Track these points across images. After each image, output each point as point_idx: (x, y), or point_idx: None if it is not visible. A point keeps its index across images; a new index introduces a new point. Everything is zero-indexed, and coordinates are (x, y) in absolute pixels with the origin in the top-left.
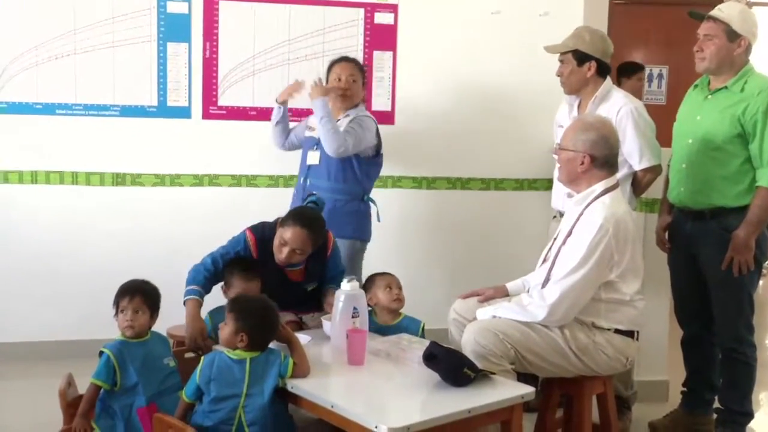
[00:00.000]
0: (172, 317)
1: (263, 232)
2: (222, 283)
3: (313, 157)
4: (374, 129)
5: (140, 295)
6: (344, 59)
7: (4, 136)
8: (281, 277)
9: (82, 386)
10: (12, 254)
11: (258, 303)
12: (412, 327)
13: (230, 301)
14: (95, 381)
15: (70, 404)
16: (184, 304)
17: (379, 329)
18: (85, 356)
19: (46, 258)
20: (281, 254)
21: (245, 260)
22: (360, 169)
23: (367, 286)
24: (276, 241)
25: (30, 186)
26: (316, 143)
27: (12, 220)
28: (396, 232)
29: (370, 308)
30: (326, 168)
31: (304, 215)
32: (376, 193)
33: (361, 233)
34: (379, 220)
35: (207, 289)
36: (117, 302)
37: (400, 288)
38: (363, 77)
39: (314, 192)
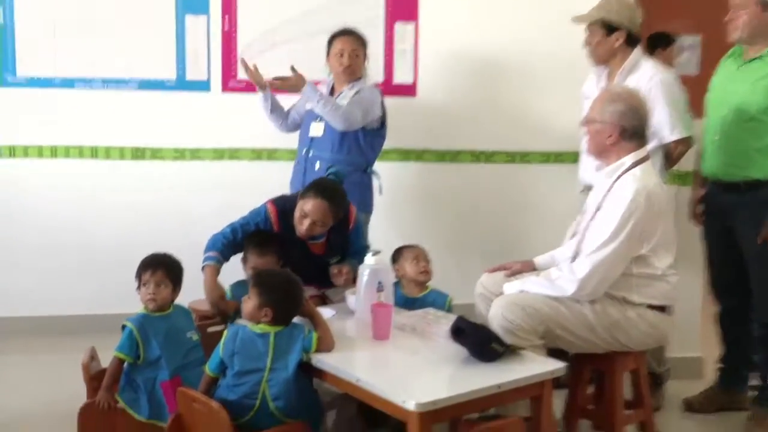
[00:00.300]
0: (193, 291)
1: (284, 205)
2: (242, 256)
3: (317, 129)
4: (379, 101)
5: (162, 269)
6: (345, 32)
7: (22, 111)
8: (303, 251)
9: (105, 360)
10: (32, 229)
11: (282, 277)
12: (438, 301)
13: (254, 276)
14: (118, 354)
15: (93, 378)
16: (203, 270)
17: (406, 302)
18: (107, 330)
19: (67, 232)
20: (302, 226)
21: (262, 234)
22: (364, 140)
23: (395, 257)
24: (297, 213)
25: (49, 161)
26: (318, 115)
27: (31, 194)
28: (421, 206)
29: (396, 281)
30: (330, 140)
31: (325, 187)
32: (400, 167)
33: (364, 205)
34: (380, 193)
35: (225, 256)
36: (139, 275)
37: (427, 260)
38: (365, 50)
39: (333, 169)
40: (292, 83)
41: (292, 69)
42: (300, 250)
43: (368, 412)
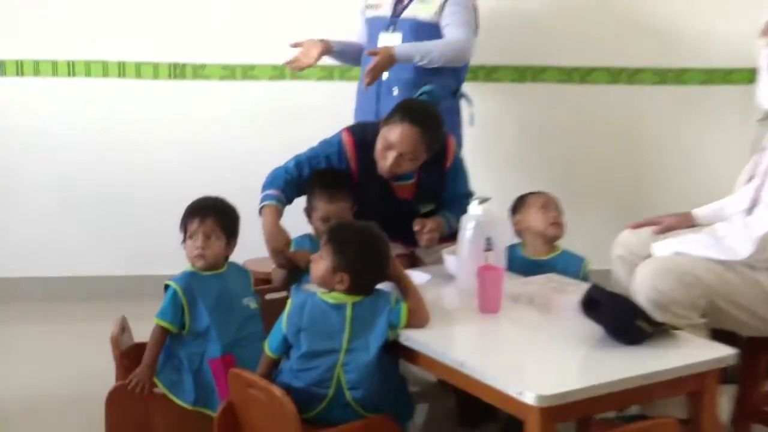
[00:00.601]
0: (247, 247)
1: (364, 134)
2: (306, 203)
3: (390, 41)
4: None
5: (213, 216)
6: None
7: (33, 18)
8: (386, 195)
9: (139, 333)
10: (44, 167)
11: (364, 232)
12: (571, 266)
13: (329, 230)
14: (160, 322)
15: (125, 354)
16: (260, 213)
17: (528, 266)
18: (141, 295)
19: (87, 172)
20: (385, 161)
21: (333, 173)
22: None
23: (516, 207)
24: (379, 145)
25: (64, 80)
26: (390, 23)
27: (42, 124)
28: (525, 141)
29: (514, 244)
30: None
31: (416, 110)
32: (495, 90)
33: (457, 137)
34: (471, 124)
35: (288, 196)
36: (184, 225)
37: (559, 211)
38: None
39: (427, 87)
40: (382, 63)
41: (372, 53)
42: (382, 194)
43: (470, 406)
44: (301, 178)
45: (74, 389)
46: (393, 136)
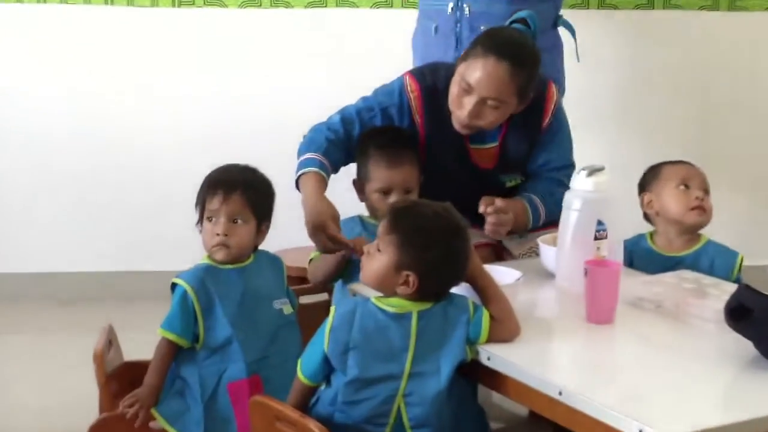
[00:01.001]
0: (277, 235)
1: (435, 78)
2: (357, 173)
3: None
4: None
5: (242, 192)
6: None
7: None
8: (462, 161)
9: (131, 348)
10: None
11: (441, 219)
12: (720, 261)
13: (392, 213)
14: (166, 334)
15: (112, 376)
16: (297, 184)
17: (659, 262)
18: (130, 297)
19: (59, 154)
20: (462, 109)
21: (393, 130)
22: None
23: (645, 182)
24: (454, 88)
25: (30, 7)
26: None
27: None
28: (647, 92)
29: (643, 235)
30: None
31: (504, 40)
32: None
33: (555, 80)
34: (578, 60)
35: (333, 161)
36: (202, 202)
37: (705, 190)
38: None
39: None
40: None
41: None
42: (457, 162)
43: None
44: (350, 139)
45: (45, 423)
46: (473, 75)
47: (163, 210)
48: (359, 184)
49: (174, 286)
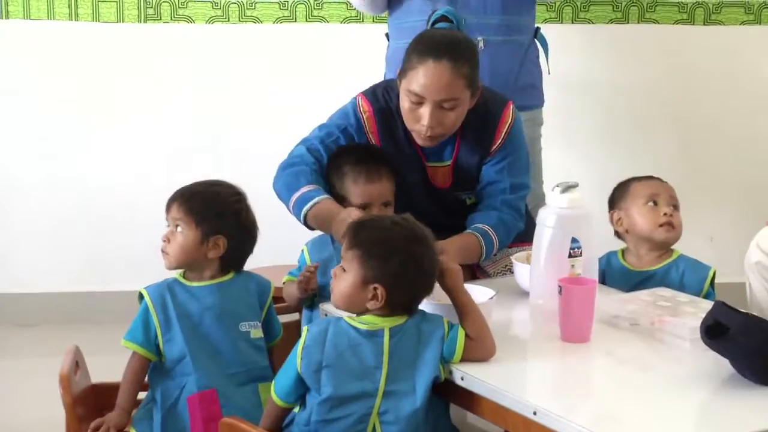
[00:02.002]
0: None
1: (387, 97)
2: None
3: None
4: None
5: (185, 199)
6: None
7: None
8: (421, 180)
9: (99, 370)
10: None
11: (400, 227)
12: (690, 275)
13: (351, 230)
14: (128, 344)
15: (79, 399)
16: (305, 219)
17: (630, 279)
18: (97, 319)
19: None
20: (420, 121)
21: (365, 145)
22: None
23: (614, 199)
24: (405, 104)
25: None
26: None
27: None
28: (622, 104)
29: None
30: None
31: (437, 40)
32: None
33: (532, 97)
34: (548, 72)
35: (326, 189)
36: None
37: (674, 205)
38: None
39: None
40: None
41: None
42: (418, 180)
43: None
44: (323, 168)
45: None
46: (418, 84)
47: (131, 229)
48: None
49: (141, 297)
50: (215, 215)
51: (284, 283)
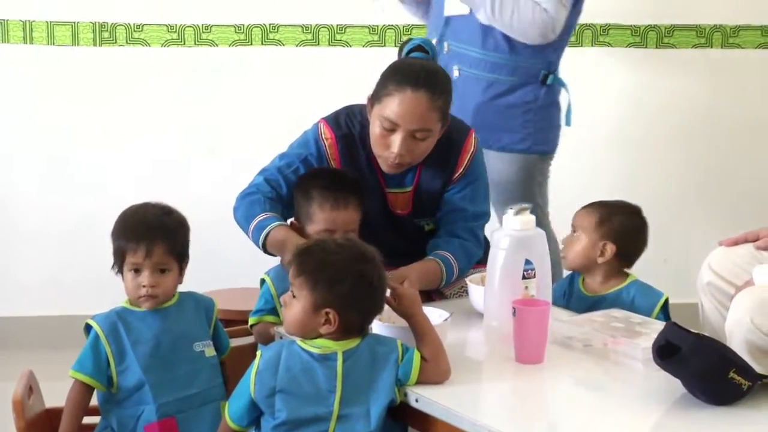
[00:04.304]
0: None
1: (349, 123)
2: (290, 220)
3: (457, 5)
4: None
5: (164, 242)
6: None
7: None
8: (380, 206)
9: (52, 394)
10: None
11: (345, 250)
12: (640, 301)
13: (295, 258)
14: (77, 375)
15: (32, 424)
16: (264, 246)
17: (583, 301)
18: (52, 343)
19: None
20: (390, 148)
21: (333, 171)
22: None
23: (576, 224)
24: (376, 130)
25: None
26: None
27: None
28: (600, 130)
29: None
30: (480, 24)
31: (416, 70)
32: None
33: (542, 141)
34: (568, 124)
35: (284, 216)
36: (120, 253)
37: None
38: None
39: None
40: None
41: None
42: (379, 208)
43: None
44: (281, 197)
45: None
46: (393, 112)
47: (88, 255)
48: (297, 228)
49: (87, 328)
50: (187, 246)
51: (252, 326)
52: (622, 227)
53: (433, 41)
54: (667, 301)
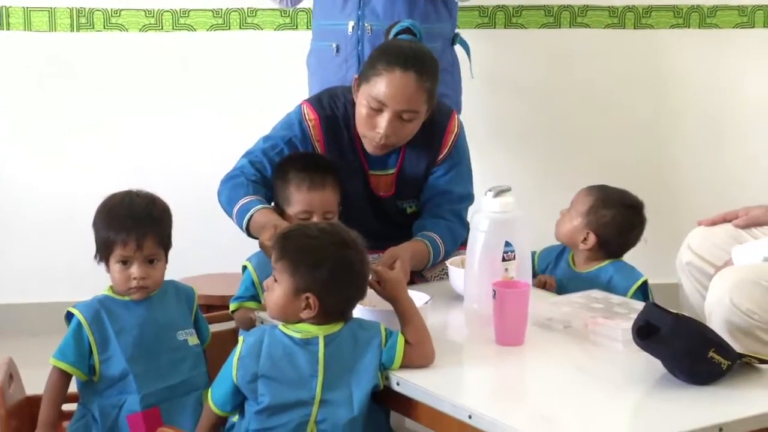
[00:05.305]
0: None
1: (333, 105)
2: (271, 204)
3: None
4: None
5: (153, 233)
6: None
7: None
8: (363, 188)
9: (33, 382)
10: None
11: (327, 235)
12: (617, 280)
13: (277, 242)
14: (58, 363)
15: (12, 412)
16: (247, 228)
17: (568, 275)
18: (32, 330)
19: None
20: (376, 129)
21: (310, 153)
22: None
23: (573, 202)
24: (362, 110)
25: None
26: None
27: None
28: (549, 106)
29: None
30: (391, 2)
31: (404, 50)
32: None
33: (454, 98)
34: (472, 76)
35: (266, 200)
36: (107, 244)
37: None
38: None
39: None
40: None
41: None
42: (361, 189)
43: None
44: (266, 179)
45: None
46: (381, 92)
47: (69, 240)
48: (277, 211)
49: (69, 316)
50: (170, 233)
51: (234, 311)
52: (612, 221)
53: (350, 25)
54: (646, 282)
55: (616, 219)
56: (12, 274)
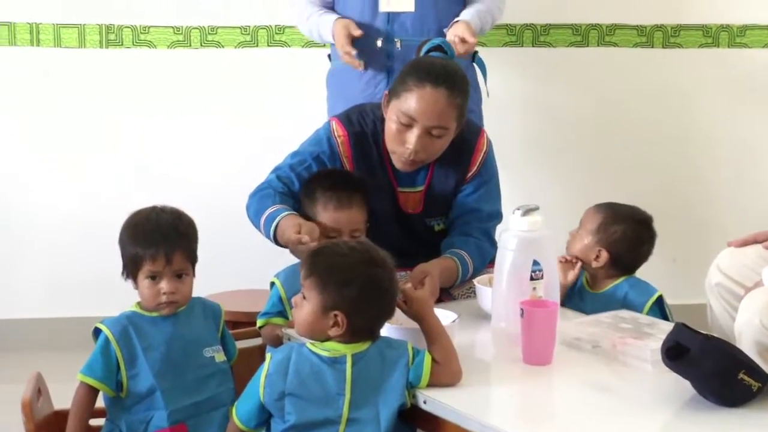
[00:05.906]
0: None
1: (362, 121)
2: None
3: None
4: None
5: (182, 248)
6: None
7: None
8: (391, 205)
9: (60, 396)
10: None
11: (357, 254)
12: (634, 297)
13: (308, 259)
14: (86, 379)
15: (41, 426)
16: (274, 236)
17: (585, 297)
18: (60, 345)
19: None
20: (406, 144)
21: (339, 171)
22: None
23: (582, 221)
24: (392, 126)
25: None
26: None
27: None
28: (574, 124)
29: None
30: (421, 16)
31: (435, 67)
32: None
33: (480, 115)
34: (487, 95)
35: (294, 209)
36: (136, 260)
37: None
38: None
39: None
40: None
41: None
42: (390, 207)
43: None
44: (293, 194)
45: None
46: (412, 107)
47: (93, 256)
48: (305, 217)
49: (96, 332)
50: (197, 248)
51: (261, 327)
52: (622, 237)
53: (379, 41)
54: (661, 297)
55: (627, 234)
56: (38, 289)
